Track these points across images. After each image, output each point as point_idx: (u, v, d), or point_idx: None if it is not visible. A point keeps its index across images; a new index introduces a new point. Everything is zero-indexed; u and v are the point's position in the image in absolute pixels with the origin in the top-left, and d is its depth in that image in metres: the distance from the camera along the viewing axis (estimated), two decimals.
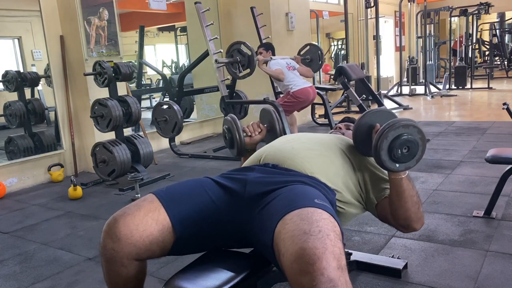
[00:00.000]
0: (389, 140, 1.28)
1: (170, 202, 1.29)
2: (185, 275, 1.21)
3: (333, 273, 0.93)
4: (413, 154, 1.30)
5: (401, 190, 1.35)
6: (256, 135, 1.76)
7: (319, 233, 1.00)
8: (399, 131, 1.28)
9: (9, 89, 4.54)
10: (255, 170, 1.40)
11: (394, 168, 1.31)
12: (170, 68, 11.12)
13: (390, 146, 1.28)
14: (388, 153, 1.29)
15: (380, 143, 1.28)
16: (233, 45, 4.43)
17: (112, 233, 1.21)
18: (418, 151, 1.31)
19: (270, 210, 1.20)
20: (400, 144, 1.28)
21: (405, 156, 1.30)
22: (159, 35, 11.79)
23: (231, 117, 1.72)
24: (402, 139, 1.28)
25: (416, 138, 1.30)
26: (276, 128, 1.77)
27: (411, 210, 1.36)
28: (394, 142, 1.28)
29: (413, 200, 1.36)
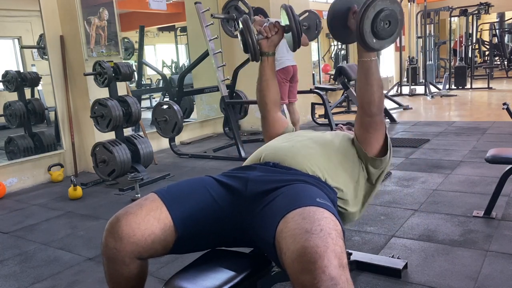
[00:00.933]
0: (376, 10, 1.31)
1: (171, 201, 1.29)
2: (185, 275, 1.21)
3: (334, 271, 0.93)
4: (391, 32, 1.34)
5: (370, 72, 1.39)
6: (273, 35, 1.67)
7: (320, 231, 1.01)
8: (386, 3, 1.31)
9: (9, 89, 4.54)
10: (256, 169, 1.40)
11: (371, 42, 1.34)
12: (170, 68, 11.12)
13: (375, 17, 1.31)
14: (371, 25, 1.32)
15: (368, 12, 1.30)
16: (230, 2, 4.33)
17: (114, 232, 1.21)
18: (396, 30, 1.34)
19: (272, 208, 1.20)
20: (385, 16, 1.31)
21: (385, 30, 1.33)
22: (159, 35, 11.78)
23: (243, 18, 1.64)
24: (387, 10, 1.31)
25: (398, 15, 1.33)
26: (294, 28, 1.63)
27: (376, 93, 1.41)
28: (379, 14, 1.31)
29: (379, 84, 1.42)
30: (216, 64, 4.53)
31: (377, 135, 1.48)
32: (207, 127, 6.17)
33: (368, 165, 1.50)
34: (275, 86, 1.74)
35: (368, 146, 1.48)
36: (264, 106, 1.74)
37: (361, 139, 1.49)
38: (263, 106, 1.75)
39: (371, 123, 1.45)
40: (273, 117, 1.75)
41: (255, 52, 1.62)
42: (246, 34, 1.60)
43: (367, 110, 1.43)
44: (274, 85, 1.73)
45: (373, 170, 1.51)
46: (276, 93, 1.74)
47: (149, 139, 4.14)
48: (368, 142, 1.48)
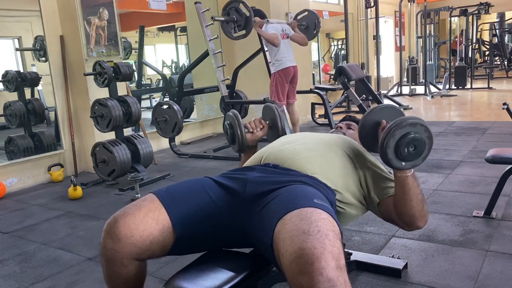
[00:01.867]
0: (396, 139, 1.27)
1: (170, 202, 1.29)
2: (185, 275, 1.21)
3: (332, 273, 0.93)
4: (419, 152, 1.29)
5: (407, 188, 1.34)
6: (258, 131, 1.76)
7: (318, 233, 1.00)
8: (406, 130, 1.27)
9: (9, 89, 4.54)
10: (255, 170, 1.40)
11: (400, 166, 1.31)
12: (170, 68, 11.12)
13: (397, 144, 1.27)
14: (394, 152, 1.28)
15: (387, 141, 1.28)
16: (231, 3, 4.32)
17: (112, 233, 1.21)
18: (425, 150, 1.30)
19: (270, 210, 1.20)
20: (407, 143, 1.27)
21: (411, 154, 1.29)
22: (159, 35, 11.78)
23: (233, 112, 1.72)
24: (409, 137, 1.27)
25: (423, 137, 1.28)
26: (278, 125, 1.76)
27: (416, 208, 1.36)
28: (401, 141, 1.27)
29: (418, 198, 1.36)
30: (216, 64, 4.53)
31: None
32: (207, 127, 6.17)
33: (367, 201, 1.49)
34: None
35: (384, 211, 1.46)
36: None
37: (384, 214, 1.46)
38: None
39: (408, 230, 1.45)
40: None
41: (243, 146, 1.72)
42: (236, 129, 1.70)
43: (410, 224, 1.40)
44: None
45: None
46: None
47: (149, 139, 4.14)
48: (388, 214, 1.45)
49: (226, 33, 4.47)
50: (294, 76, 4.82)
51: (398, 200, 1.38)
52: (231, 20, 4.23)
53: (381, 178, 1.47)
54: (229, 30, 4.37)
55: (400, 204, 1.37)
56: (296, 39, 4.82)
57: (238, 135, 1.69)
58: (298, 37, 4.84)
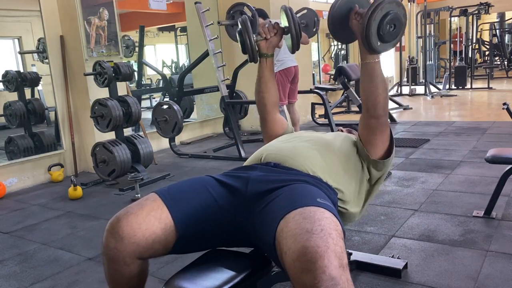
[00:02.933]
0: (383, 12, 1.32)
1: (172, 201, 1.29)
2: (185, 275, 1.21)
3: (334, 272, 0.94)
4: (396, 34, 1.36)
5: (375, 74, 1.39)
6: (272, 36, 1.66)
7: (321, 231, 1.01)
8: (393, 7, 1.33)
9: (9, 89, 4.54)
10: (257, 168, 1.40)
11: (375, 45, 1.35)
12: (170, 68, 11.12)
13: (381, 19, 1.32)
14: (377, 27, 1.33)
15: (376, 14, 1.31)
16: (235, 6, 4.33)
17: (115, 232, 1.21)
18: (400, 33, 1.37)
19: (272, 208, 1.20)
20: (390, 20, 1.33)
21: (390, 33, 1.35)
22: (159, 35, 11.78)
23: (243, 18, 1.62)
24: (393, 13, 1.33)
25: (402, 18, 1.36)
26: (293, 30, 1.61)
27: (382, 95, 1.41)
28: (386, 17, 1.32)
29: (384, 86, 1.42)
30: (216, 64, 4.53)
31: (382, 137, 1.48)
32: (207, 127, 6.17)
33: (371, 167, 1.50)
34: (274, 87, 1.73)
35: (373, 148, 1.48)
36: (263, 108, 1.74)
37: (366, 141, 1.49)
38: (262, 108, 1.74)
39: (376, 125, 1.45)
40: (272, 118, 1.75)
41: (253, 53, 1.61)
42: (245, 35, 1.58)
43: (373, 112, 1.43)
44: (273, 87, 1.72)
45: (375, 172, 1.51)
46: (275, 94, 1.74)
47: (149, 139, 4.14)
48: (373, 144, 1.48)
49: (231, 36, 4.48)
50: (295, 76, 4.83)
51: (365, 90, 1.43)
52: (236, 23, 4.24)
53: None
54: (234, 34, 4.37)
55: (367, 93, 1.42)
56: None
57: (248, 43, 1.58)
58: None
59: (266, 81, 1.70)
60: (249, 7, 4.28)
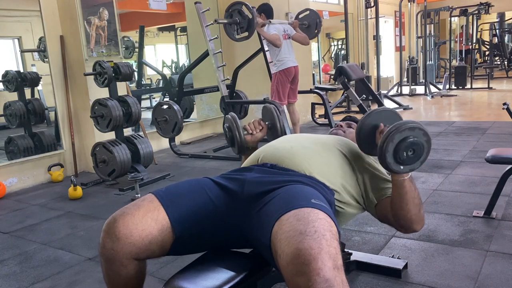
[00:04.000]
0: (395, 143, 1.27)
1: (169, 202, 1.29)
2: (185, 275, 1.21)
3: (329, 273, 0.93)
4: (418, 156, 1.30)
5: (404, 191, 1.34)
6: (257, 132, 1.77)
7: (314, 233, 1.00)
8: (405, 134, 1.27)
9: (9, 89, 4.54)
10: (253, 170, 1.40)
11: (398, 170, 1.31)
12: (170, 68, 11.11)
13: (395, 148, 1.27)
14: (393, 156, 1.28)
15: (386, 145, 1.27)
16: (234, 5, 4.32)
17: (111, 233, 1.21)
18: (423, 154, 1.30)
19: (268, 210, 1.20)
20: (406, 147, 1.27)
21: (410, 158, 1.29)
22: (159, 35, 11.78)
23: (231, 115, 1.74)
24: (408, 141, 1.27)
25: (421, 141, 1.29)
26: (277, 126, 1.77)
27: (412, 211, 1.36)
28: (400, 145, 1.27)
29: (414, 202, 1.36)
30: (216, 64, 4.53)
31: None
32: (207, 127, 6.17)
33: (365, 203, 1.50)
34: None
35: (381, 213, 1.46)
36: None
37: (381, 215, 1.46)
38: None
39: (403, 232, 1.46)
40: None
41: (242, 147, 1.73)
42: (234, 131, 1.72)
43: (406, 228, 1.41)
44: None
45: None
46: None
47: (149, 139, 4.14)
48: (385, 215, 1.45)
49: (228, 34, 4.48)
50: (295, 76, 4.83)
51: (394, 203, 1.38)
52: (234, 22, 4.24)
53: (379, 179, 1.47)
54: (231, 32, 4.37)
55: (397, 207, 1.37)
56: (298, 38, 4.86)
57: (237, 138, 1.71)
58: (300, 37, 4.87)
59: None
60: (247, 7, 4.28)
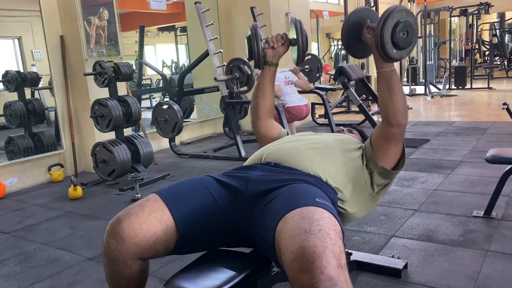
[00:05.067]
0: (394, 21, 1.37)
1: (173, 201, 1.29)
2: (185, 275, 1.21)
3: (333, 272, 0.93)
4: (410, 40, 1.40)
5: (392, 82, 1.41)
6: (279, 46, 1.69)
7: (319, 232, 1.01)
8: (401, 15, 1.38)
9: (9, 89, 4.54)
10: (257, 168, 1.40)
11: (391, 53, 1.38)
12: (170, 68, 11.12)
13: (394, 27, 1.37)
14: (391, 35, 1.37)
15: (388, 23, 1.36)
16: (233, 61, 4.41)
17: (116, 233, 1.21)
18: (413, 39, 1.41)
19: (272, 208, 1.20)
20: (403, 27, 1.37)
21: (404, 40, 1.39)
22: (159, 35, 11.78)
23: (253, 25, 1.66)
24: (404, 21, 1.38)
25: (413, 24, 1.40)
26: (300, 42, 1.64)
27: (400, 103, 1.42)
28: (398, 25, 1.37)
29: (401, 92, 1.43)
30: (216, 64, 4.53)
31: (396, 147, 1.48)
32: (207, 127, 6.17)
33: (375, 173, 1.49)
34: (271, 95, 1.74)
35: (383, 156, 1.48)
36: (256, 113, 1.75)
37: (378, 148, 1.48)
38: (254, 112, 1.75)
39: (395, 134, 1.45)
40: (264, 124, 1.74)
41: (260, 60, 1.66)
42: (253, 42, 1.63)
43: (393, 120, 1.43)
44: (269, 95, 1.73)
45: (379, 180, 1.50)
46: (270, 103, 1.75)
47: (149, 139, 4.14)
48: (385, 153, 1.48)
49: (229, 88, 4.53)
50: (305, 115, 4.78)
51: (384, 98, 1.43)
52: (234, 78, 4.34)
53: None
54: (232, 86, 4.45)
55: (386, 101, 1.43)
56: (299, 85, 4.88)
57: (255, 49, 1.63)
58: (302, 83, 4.91)
59: (264, 88, 1.72)
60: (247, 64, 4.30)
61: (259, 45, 1.63)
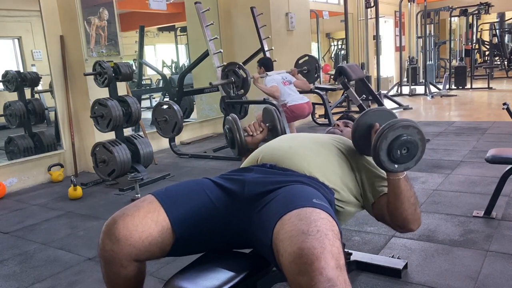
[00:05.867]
0: (388, 141, 1.27)
1: (169, 203, 1.29)
2: (185, 275, 1.21)
3: (331, 273, 0.93)
4: (412, 155, 1.30)
5: (399, 191, 1.34)
6: (258, 134, 1.77)
7: (317, 233, 1.00)
8: (399, 132, 1.28)
9: (9, 89, 4.54)
10: (253, 170, 1.40)
11: (393, 169, 1.31)
12: (170, 68, 11.12)
13: (389, 146, 1.27)
14: (387, 154, 1.28)
15: (380, 143, 1.28)
16: (229, 66, 4.42)
17: (111, 234, 1.21)
18: (418, 152, 1.30)
19: (269, 210, 1.20)
20: (400, 145, 1.27)
21: (404, 157, 1.29)
22: (159, 35, 11.78)
23: (232, 117, 1.75)
24: (402, 139, 1.27)
25: (415, 139, 1.29)
26: (278, 127, 1.78)
27: (408, 211, 1.36)
28: (394, 143, 1.27)
29: (410, 201, 1.36)
30: (216, 64, 4.53)
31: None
32: (207, 127, 6.17)
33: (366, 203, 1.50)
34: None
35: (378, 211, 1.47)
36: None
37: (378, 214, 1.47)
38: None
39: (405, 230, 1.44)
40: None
41: (242, 149, 1.74)
42: (235, 133, 1.73)
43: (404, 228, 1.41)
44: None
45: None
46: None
47: (149, 139, 4.14)
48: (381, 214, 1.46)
49: (225, 92, 4.54)
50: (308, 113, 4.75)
51: (390, 203, 1.38)
52: (230, 82, 4.34)
53: (376, 177, 1.47)
54: (228, 90, 4.47)
55: (392, 206, 1.38)
56: (298, 85, 4.84)
57: (238, 139, 1.72)
58: (300, 83, 4.87)
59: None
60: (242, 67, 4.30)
61: (241, 136, 1.72)
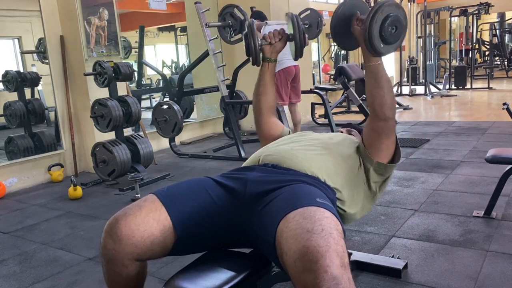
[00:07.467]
0: (384, 15, 1.36)
1: (171, 202, 1.29)
2: (185, 275, 1.21)
3: (336, 271, 0.94)
4: (398, 36, 1.39)
5: (380, 75, 1.42)
6: (277, 42, 1.69)
7: (322, 231, 1.01)
8: (392, 9, 1.37)
9: (9, 89, 4.54)
10: (255, 169, 1.40)
11: (378, 47, 1.38)
12: (170, 68, 11.11)
13: (383, 21, 1.36)
14: (379, 29, 1.36)
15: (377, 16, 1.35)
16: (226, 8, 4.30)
17: (113, 233, 1.21)
18: (402, 35, 1.40)
19: (272, 208, 1.20)
20: (391, 22, 1.36)
21: (392, 35, 1.38)
22: (159, 35, 11.78)
23: (249, 22, 1.66)
24: (393, 16, 1.36)
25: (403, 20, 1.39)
26: (297, 37, 1.64)
27: (387, 96, 1.42)
28: (387, 19, 1.36)
29: (389, 85, 1.43)
30: (216, 64, 4.53)
31: (388, 140, 1.48)
32: (207, 127, 6.17)
33: (371, 170, 1.49)
34: (272, 92, 1.76)
35: (376, 152, 1.48)
36: (258, 110, 1.77)
37: (370, 144, 1.49)
38: (257, 110, 1.78)
39: (383, 127, 1.45)
40: (266, 121, 1.77)
41: (257, 57, 1.66)
42: (250, 39, 1.62)
43: (380, 113, 1.43)
44: (271, 91, 1.75)
45: (376, 177, 1.50)
46: (272, 99, 1.77)
47: (149, 139, 4.14)
48: (378, 148, 1.48)
49: (223, 38, 4.48)
50: (296, 76, 4.81)
51: (371, 91, 1.44)
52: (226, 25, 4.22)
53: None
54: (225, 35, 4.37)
55: (373, 95, 1.43)
56: None
57: (252, 46, 1.62)
58: None
59: (266, 84, 1.74)
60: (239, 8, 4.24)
61: (256, 42, 1.63)
